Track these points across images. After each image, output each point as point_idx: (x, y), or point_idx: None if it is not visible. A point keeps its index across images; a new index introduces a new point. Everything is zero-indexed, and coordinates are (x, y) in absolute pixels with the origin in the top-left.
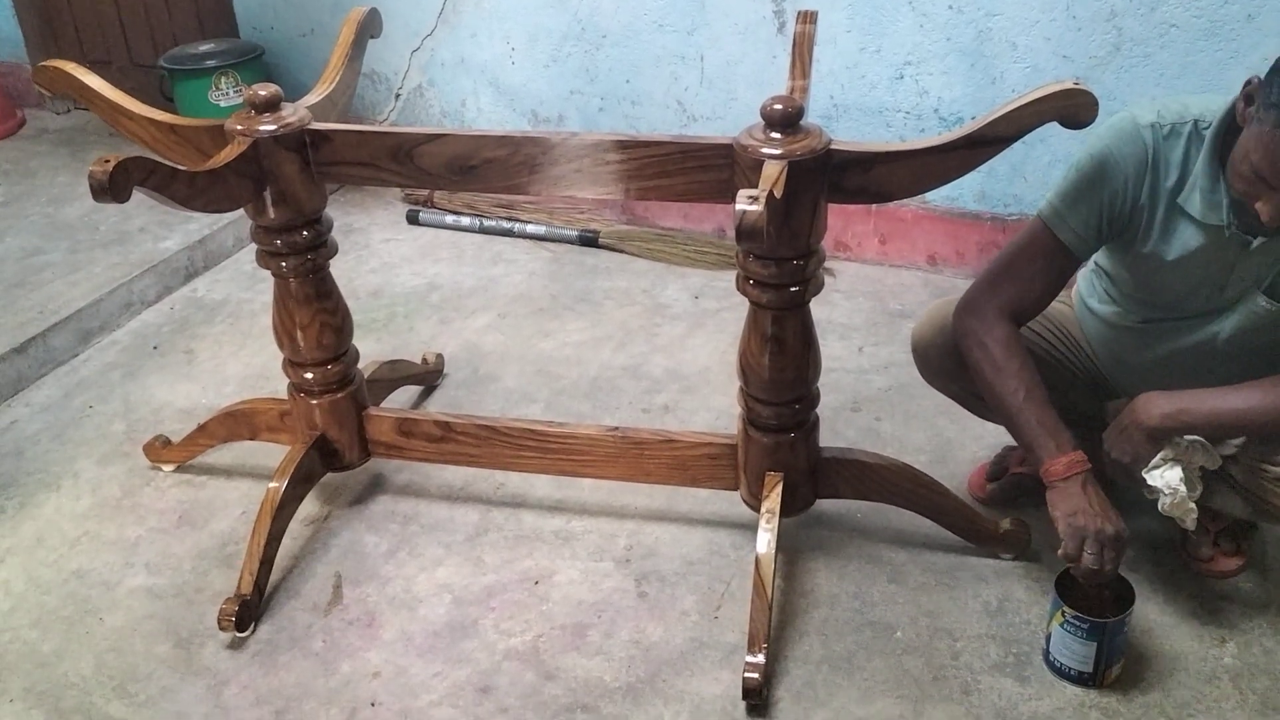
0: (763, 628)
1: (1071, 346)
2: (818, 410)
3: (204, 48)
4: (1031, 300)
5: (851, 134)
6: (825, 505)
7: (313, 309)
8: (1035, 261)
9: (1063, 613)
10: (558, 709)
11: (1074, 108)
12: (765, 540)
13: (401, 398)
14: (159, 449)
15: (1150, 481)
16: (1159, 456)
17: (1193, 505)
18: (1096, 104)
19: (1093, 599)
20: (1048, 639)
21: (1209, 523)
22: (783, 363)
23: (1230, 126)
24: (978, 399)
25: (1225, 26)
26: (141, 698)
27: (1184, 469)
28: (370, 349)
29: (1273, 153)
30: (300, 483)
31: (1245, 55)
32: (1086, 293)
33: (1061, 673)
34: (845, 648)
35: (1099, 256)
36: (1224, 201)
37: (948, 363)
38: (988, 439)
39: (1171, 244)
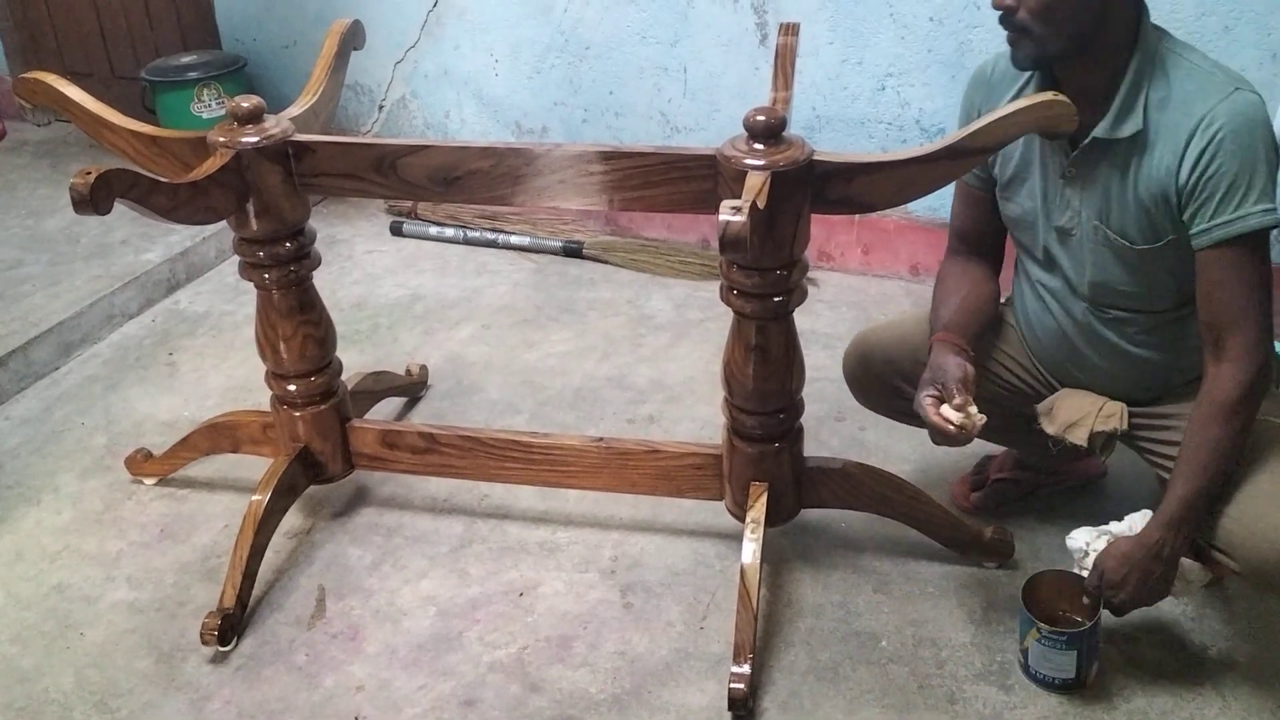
0: (748, 638)
1: (1008, 353)
2: (802, 420)
3: (186, 59)
4: (968, 227)
5: (834, 145)
6: (810, 515)
7: (296, 321)
8: (957, 199)
9: (1037, 630)
10: None
11: (1053, 119)
12: (750, 550)
13: (385, 409)
14: (140, 462)
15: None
16: None
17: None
18: (1075, 115)
19: (1059, 606)
20: (1025, 654)
21: None
22: (766, 372)
23: None
24: (910, 416)
25: (1202, 38)
26: (123, 713)
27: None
28: (354, 360)
29: None
30: (283, 495)
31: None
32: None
33: (1045, 683)
34: (831, 657)
35: None
36: None
37: (871, 388)
38: (971, 448)
39: (1012, 158)
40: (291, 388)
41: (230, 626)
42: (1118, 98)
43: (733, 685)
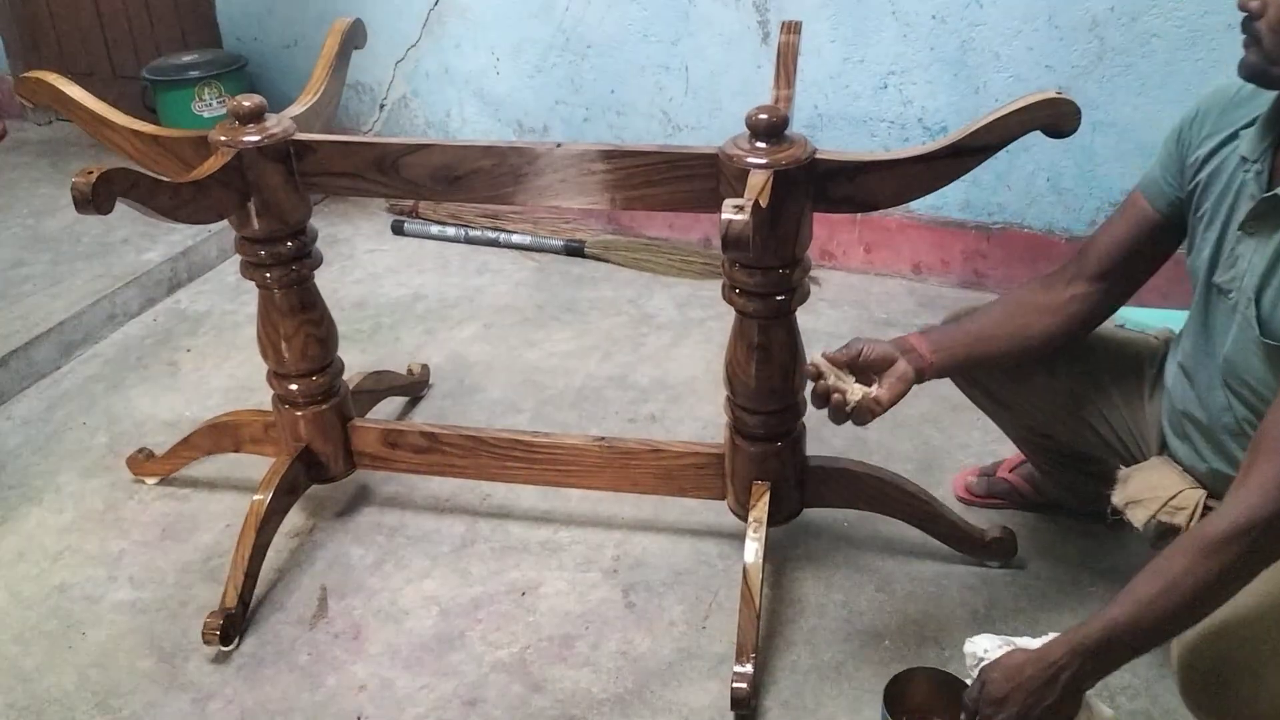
0: (751, 637)
1: (1124, 398)
2: (804, 419)
3: (187, 58)
4: (1111, 245)
5: (836, 143)
6: (812, 514)
7: (297, 320)
8: (1119, 215)
9: None
10: None
11: (1057, 117)
12: (753, 550)
13: (387, 409)
14: (142, 462)
15: None
16: None
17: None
18: (1079, 113)
19: (931, 716)
20: None
21: None
22: (769, 371)
23: None
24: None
25: (1206, 36)
26: (125, 713)
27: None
28: (355, 360)
29: None
30: (285, 495)
31: (1227, 64)
32: None
33: None
34: (833, 657)
35: None
36: (1270, 138)
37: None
38: (974, 448)
39: (1212, 191)
40: (293, 387)
41: (232, 626)
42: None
43: (735, 685)
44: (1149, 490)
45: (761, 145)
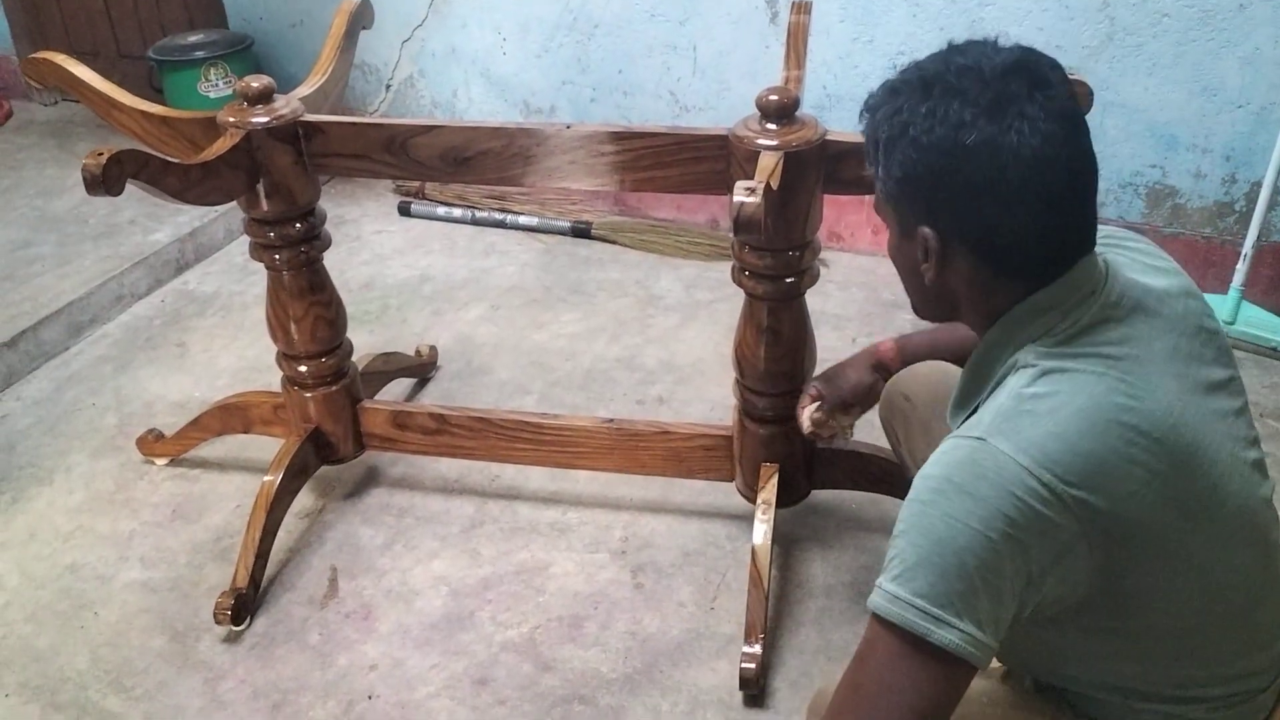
0: (759, 618)
1: None
2: None
3: (193, 39)
4: None
5: (845, 124)
6: (820, 496)
7: (306, 302)
8: None
9: None
10: (555, 700)
11: None
12: (761, 531)
13: (395, 390)
14: (152, 442)
15: None
16: None
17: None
18: (1091, 94)
19: None
20: None
21: None
22: (778, 354)
23: None
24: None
25: (1217, 16)
26: (138, 691)
27: None
28: (363, 341)
29: None
30: (295, 476)
31: (1237, 45)
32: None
33: None
34: (842, 638)
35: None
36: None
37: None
38: None
39: None
40: (302, 369)
41: (243, 606)
42: (956, 389)
43: (744, 665)
44: None
45: (772, 127)
